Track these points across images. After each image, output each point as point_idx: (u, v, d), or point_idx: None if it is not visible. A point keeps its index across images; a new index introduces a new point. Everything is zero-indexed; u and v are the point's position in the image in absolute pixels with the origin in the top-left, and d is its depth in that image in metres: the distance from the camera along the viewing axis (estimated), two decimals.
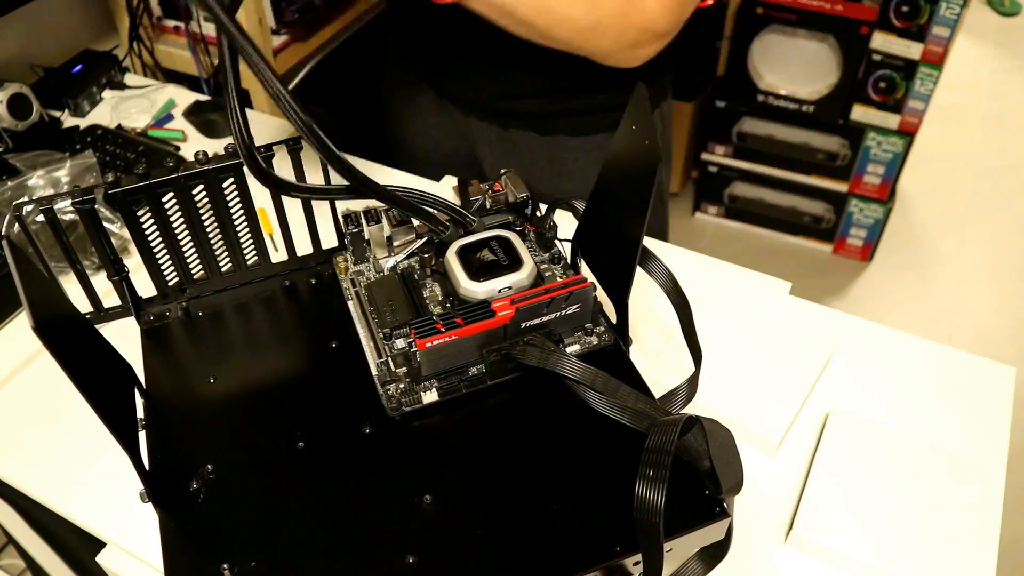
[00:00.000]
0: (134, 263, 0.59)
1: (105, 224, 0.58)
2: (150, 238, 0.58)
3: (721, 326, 0.69)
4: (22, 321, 0.75)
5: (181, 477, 0.50)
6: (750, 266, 0.79)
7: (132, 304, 0.60)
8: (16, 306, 0.76)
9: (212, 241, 0.61)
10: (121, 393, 0.50)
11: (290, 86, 1.36)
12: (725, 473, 0.47)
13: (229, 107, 0.42)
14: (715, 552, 0.51)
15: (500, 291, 0.56)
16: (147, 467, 0.50)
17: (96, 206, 0.55)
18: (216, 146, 1.03)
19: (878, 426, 0.63)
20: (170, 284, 0.61)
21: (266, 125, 1.04)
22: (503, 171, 0.64)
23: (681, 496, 0.47)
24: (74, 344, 0.44)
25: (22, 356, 0.71)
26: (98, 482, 0.63)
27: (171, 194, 0.57)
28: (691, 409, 0.53)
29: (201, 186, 0.58)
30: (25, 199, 0.59)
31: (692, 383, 0.54)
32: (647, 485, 0.43)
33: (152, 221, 0.57)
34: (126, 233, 0.60)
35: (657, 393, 0.54)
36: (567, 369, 0.51)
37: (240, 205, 0.61)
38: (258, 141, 0.58)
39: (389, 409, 0.53)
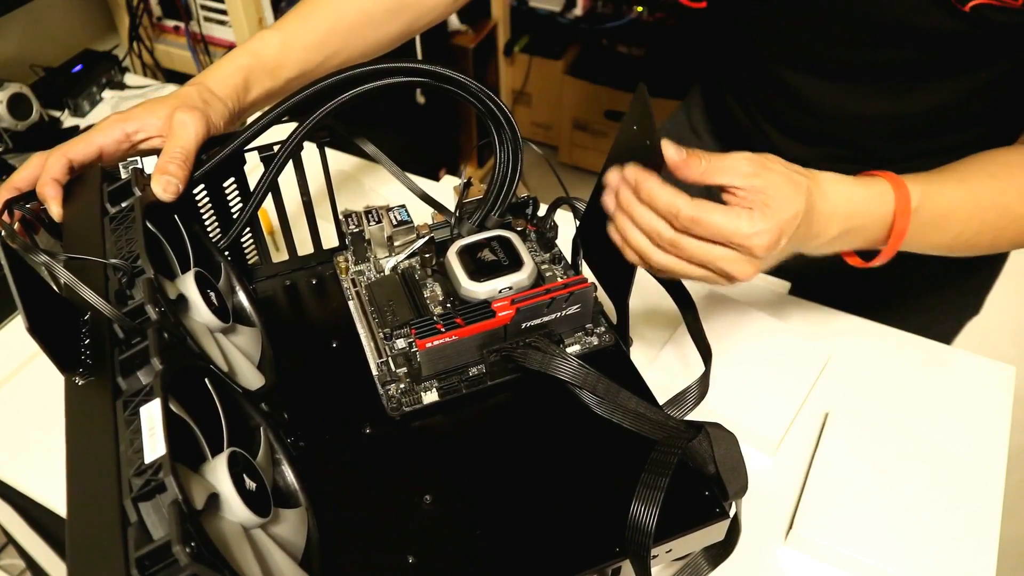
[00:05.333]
0: None
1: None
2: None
3: (721, 326, 0.69)
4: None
5: None
6: None
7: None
8: (15, 306, 0.76)
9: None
10: None
11: None
12: (730, 478, 0.47)
13: None
14: (720, 551, 0.51)
15: (500, 291, 0.56)
16: None
17: None
18: None
19: (878, 426, 0.63)
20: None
21: None
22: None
23: (681, 497, 0.47)
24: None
25: (22, 356, 0.71)
26: None
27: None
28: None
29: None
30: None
31: (703, 382, 0.53)
32: (641, 506, 0.44)
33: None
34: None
35: (658, 393, 0.54)
36: (568, 374, 0.51)
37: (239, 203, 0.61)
38: (256, 140, 0.58)
39: (389, 409, 0.53)
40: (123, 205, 0.50)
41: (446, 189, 0.86)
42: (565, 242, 0.62)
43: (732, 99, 0.79)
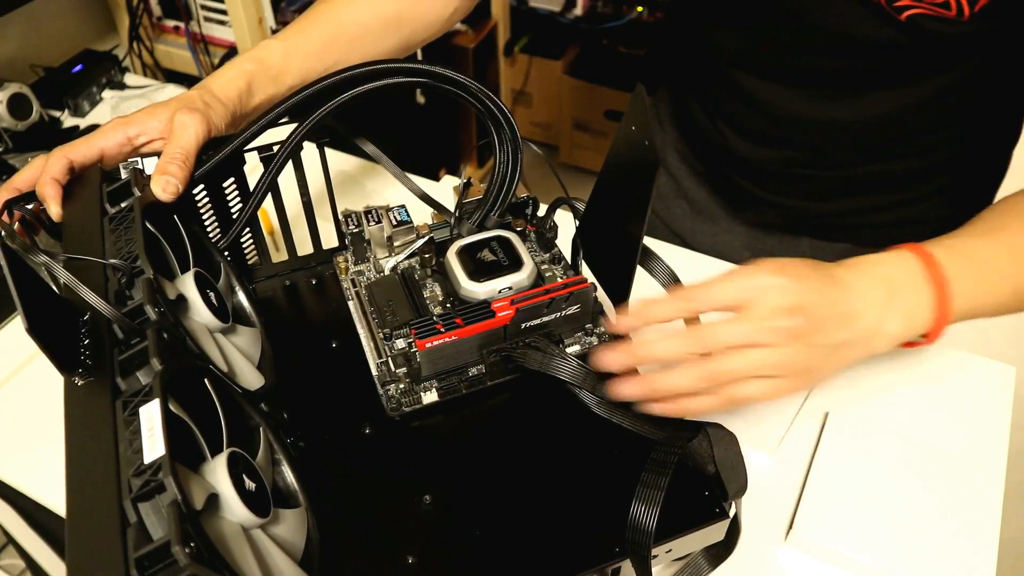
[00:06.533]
0: None
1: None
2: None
3: None
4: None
5: None
6: None
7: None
8: (15, 306, 0.76)
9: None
10: None
11: None
12: (730, 478, 0.47)
13: None
14: (720, 551, 0.51)
15: (500, 291, 0.56)
16: None
17: None
18: None
19: (878, 426, 0.63)
20: None
21: None
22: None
23: (681, 497, 0.47)
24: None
25: (22, 356, 0.71)
26: None
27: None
28: None
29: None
30: None
31: None
32: (641, 506, 0.44)
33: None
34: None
35: None
36: (568, 374, 0.51)
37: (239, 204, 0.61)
38: (256, 141, 0.58)
39: (389, 409, 0.53)
40: (122, 205, 0.50)
41: (446, 189, 0.86)
42: (565, 242, 0.62)
43: (692, 98, 0.80)
